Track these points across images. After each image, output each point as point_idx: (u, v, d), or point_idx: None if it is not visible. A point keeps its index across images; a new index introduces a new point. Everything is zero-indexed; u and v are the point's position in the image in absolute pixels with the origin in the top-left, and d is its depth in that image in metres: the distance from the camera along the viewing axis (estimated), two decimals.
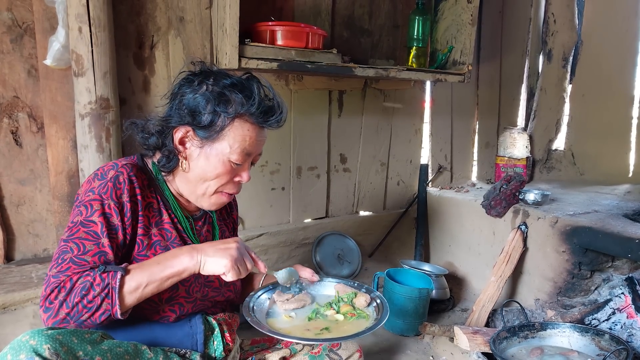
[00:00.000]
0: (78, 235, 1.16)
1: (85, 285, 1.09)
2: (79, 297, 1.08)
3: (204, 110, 1.24)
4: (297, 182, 2.72)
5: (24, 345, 0.96)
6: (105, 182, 1.21)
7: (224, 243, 1.22)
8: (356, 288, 1.46)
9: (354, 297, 1.41)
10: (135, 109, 2.15)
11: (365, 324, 1.30)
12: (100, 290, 1.09)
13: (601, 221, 2.12)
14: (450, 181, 3.30)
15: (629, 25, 3.08)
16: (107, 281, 1.10)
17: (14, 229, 2.02)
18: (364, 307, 1.38)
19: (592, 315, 2.00)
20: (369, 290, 1.44)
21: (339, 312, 1.35)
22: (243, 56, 2.07)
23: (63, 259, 1.14)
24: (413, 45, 2.68)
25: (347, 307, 1.37)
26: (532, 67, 3.39)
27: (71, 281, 1.10)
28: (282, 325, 1.31)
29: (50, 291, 1.10)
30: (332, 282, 1.49)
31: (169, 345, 1.29)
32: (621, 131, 3.15)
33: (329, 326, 1.29)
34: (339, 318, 1.33)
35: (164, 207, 1.32)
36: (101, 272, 1.11)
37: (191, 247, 1.21)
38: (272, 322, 1.32)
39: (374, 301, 1.40)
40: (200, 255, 1.19)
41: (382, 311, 1.32)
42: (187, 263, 1.18)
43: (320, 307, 1.38)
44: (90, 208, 1.18)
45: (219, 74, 1.30)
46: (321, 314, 1.35)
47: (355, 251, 2.87)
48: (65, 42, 1.84)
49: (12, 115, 1.95)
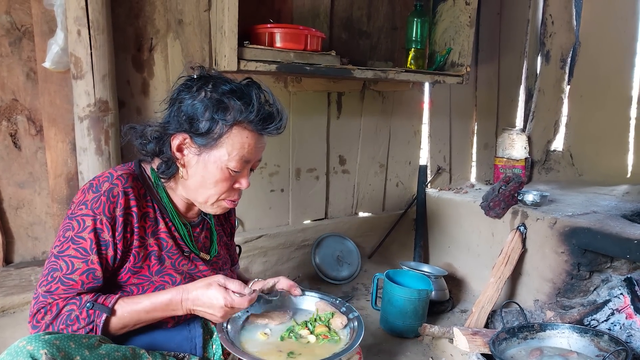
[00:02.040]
0: (68, 252, 1.17)
1: (71, 316, 1.14)
2: (64, 324, 1.14)
3: (202, 118, 1.22)
4: (296, 183, 2.72)
5: (21, 351, 0.96)
6: (98, 195, 1.20)
7: (209, 306, 1.21)
8: (337, 306, 1.45)
9: (330, 317, 1.40)
10: (134, 112, 2.15)
11: (334, 348, 1.29)
12: (85, 324, 1.14)
13: (600, 222, 2.12)
14: (449, 182, 3.30)
15: (626, 26, 3.09)
16: (92, 318, 1.15)
17: (13, 232, 2.02)
18: (339, 329, 1.38)
19: (591, 316, 2.00)
20: (350, 309, 1.43)
21: (313, 333, 1.35)
22: (242, 58, 2.07)
23: (52, 277, 1.17)
24: (411, 47, 2.68)
25: (323, 327, 1.37)
26: (530, 69, 3.40)
27: (57, 307, 1.15)
28: (256, 344, 1.30)
29: (37, 310, 1.16)
30: (314, 298, 1.48)
31: (167, 349, 1.29)
32: (619, 132, 3.15)
33: (296, 350, 1.28)
34: (311, 340, 1.32)
35: (161, 215, 1.31)
36: (88, 308, 1.14)
37: (178, 305, 1.22)
38: (245, 339, 1.32)
39: (351, 322, 1.40)
40: (189, 311, 1.24)
41: (355, 336, 1.32)
42: (176, 313, 1.24)
43: (296, 326, 1.37)
44: (82, 224, 1.18)
45: (219, 79, 1.28)
46: (295, 333, 1.34)
47: (354, 253, 2.87)
48: (64, 45, 1.84)
49: (11, 118, 1.94)
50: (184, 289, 1.22)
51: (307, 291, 1.50)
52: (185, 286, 1.23)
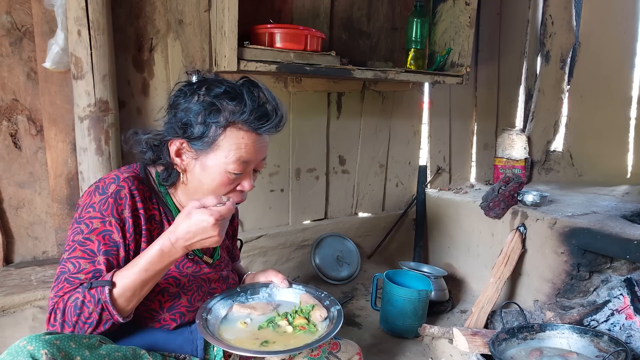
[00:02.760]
0: (75, 254, 1.17)
1: (77, 304, 1.12)
2: (75, 315, 1.11)
3: (195, 122, 1.22)
4: (296, 183, 2.72)
5: (22, 351, 0.96)
6: (106, 197, 1.20)
7: (202, 231, 1.13)
8: (322, 299, 1.45)
9: (310, 310, 1.41)
10: (135, 112, 2.15)
11: (308, 339, 1.29)
12: (93, 306, 1.11)
13: (600, 222, 2.12)
14: (449, 182, 3.30)
15: (626, 26, 3.09)
16: (97, 296, 1.11)
17: (13, 232, 2.02)
18: (318, 321, 1.38)
19: (591, 317, 2.00)
20: (334, 303, 1.43)
21: (291, 324, 1.35)
22: (242, 59, 2.08)
23: (60, 279, 1.17)
24: (411, 48, 2.68)
25: (302, 319, 1.37)
26: (530, 69, 3.40)
27: (63, 301, 1.13)
28: (234, 332, 1.30)
29: (49, 314, 1.15)
30: (300, 291, 1.49)
31: (168, 350, 1.29)
32: (619, 132, 3.15)
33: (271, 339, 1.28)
34: (287, 330, 1.33)
35: (166, 218, 1.31)
36: (89, 289, 1.12)
37: (172, 248, 1.15)
38: (225, 328, 1.31)
39: (331, 314, 1.40)
40: (187, 248, 1.16)
41: (332, 328, 1.31)
42: (177, 256, 1.17)
43: (277, 317, 1.38)
44: (90, 226, 1.18)
45: (214, 82, 1.27)
46: (273, 324, 1.35)
47: (354, 253, 2.87)
48: (65, 45, 1.84)
49: (11, 118, 1.95)
50: (168, 231, 1.15)
51: (295, 284, 1.50)
52: (168, 229, 1.16)
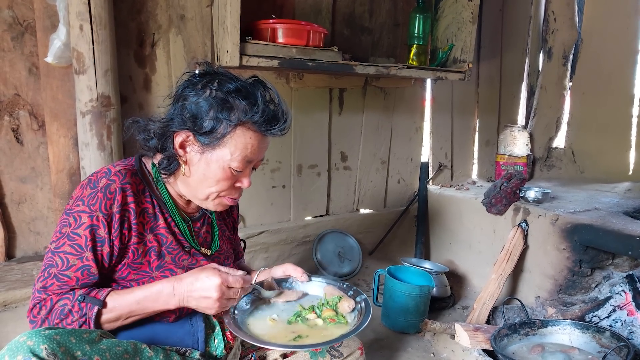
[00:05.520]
0: (63, 248, 1.18)
1: (64, 310, 1.15)
2: (59, 319, 1.15)
3: (206, 116, 1.21)
4: (297, 180, 2.72)
5: (22, 346, 0.96)
6: (95, 192, 1.19)
7: (204, 289, 1.18)
8: (345, 290, 1.45)
9: (338, 302, 1.40)
10: (137, 107, 2.15)
11: (341, 330, 1.29)
12: (78, 317, 1.15)
13: (602, 219, 2.12)
14: (450, 179, 3.30)
15: (629, 23, 3.08)
16: (85, 311, 1.15)
17: (15, 227, 2.02)
18: (347, 312, 1.37)
19: (593, 313, 2.00)
20: (357, 293, 1.43)
21: (320, 317, 1.35)
22: (244, 54, 2.07)
23: (49, 272, 1.18)
24: (413, 43, 2.68)
25: (330, 311, 1.37)
26: (532, 65, 3.39)
27: (51, 301, 1.16)
28: (264, 326, 1.30)
29: (33, 306, 1.17)
30: (322, 283, 1.48)
31: (169, 343, 1.29)
32: (621, 129, 3.15)
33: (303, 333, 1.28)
34: (318, 323, 1.32)
35: (160, 211, 1.30)
36: (80, 301, 1.15)
37: (171, 294, 1.20)
38: (253, 324, 1.31)
39: (358, 305, 1.39)
40: (183, 301, 1.21)
41: (362, 318, 1.31)
42: (170, 305, 1.21)
43: (304, 310, 1.37)
44: (78, 220, 1.18)
45: (224, 76, 1.25)
46: (302, 318, 1.34)
47: (355, 249, 2.87)
48: (67, 40, 1.84)
49: (13, 113, 1.95)
50: (177, 277, 1.21)
51: (314, 276, 1.49)
52: (178, 276, 1.22)
